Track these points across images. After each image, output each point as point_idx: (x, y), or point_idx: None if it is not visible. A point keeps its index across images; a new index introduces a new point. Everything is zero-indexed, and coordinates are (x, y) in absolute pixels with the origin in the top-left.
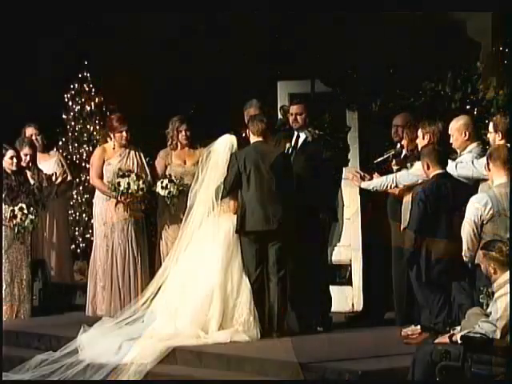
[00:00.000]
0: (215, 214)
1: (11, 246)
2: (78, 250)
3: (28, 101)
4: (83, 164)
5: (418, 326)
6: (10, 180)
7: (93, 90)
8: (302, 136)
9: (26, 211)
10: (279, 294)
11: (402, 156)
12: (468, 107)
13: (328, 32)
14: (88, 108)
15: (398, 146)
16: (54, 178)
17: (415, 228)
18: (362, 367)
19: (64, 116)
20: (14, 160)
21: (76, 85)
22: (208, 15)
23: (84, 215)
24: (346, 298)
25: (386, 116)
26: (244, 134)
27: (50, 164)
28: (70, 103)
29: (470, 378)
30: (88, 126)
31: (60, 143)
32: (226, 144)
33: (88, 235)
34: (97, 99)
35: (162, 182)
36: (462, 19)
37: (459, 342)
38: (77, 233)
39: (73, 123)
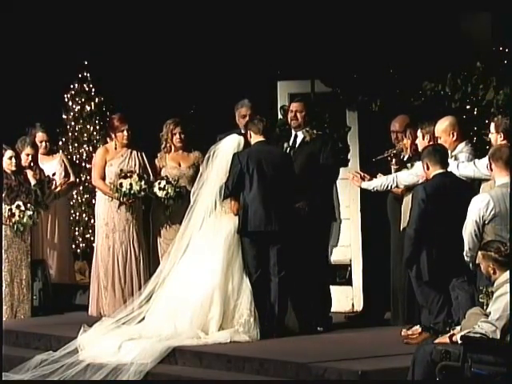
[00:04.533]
0: (216, 215)
1: (11, 245)
2: (78, 250)
3: (28, 101)
4: (83, 164)
5: (418, 326)
6: (10, 180)
7: (93, 89)
8: (300, 136)
9: (23, 208)
10: (280, 295)
11: (406, 157)
12: (468, 107)
13: (328, 32)
14: (88, 108)
15: (399, 145)
16: (55, 182)
17: (415, 227)
18: (362, 367)
19: (64, 116)
20: (13, 160)
21: (76, 85)
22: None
23: (84, 215)
24: (346, 298)
25: (385, 116)
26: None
27: (52, 164)
28: (70, 103)
29: (470, 377)
30: (88, 126)
31: (60, 143)
32: (233, 144)
33: (88, 235)
34: (97, 99)
35: (159, 183)
36: (462, 19)
37: (459, 342)
38: (77, 233)
39: (73, 123)
